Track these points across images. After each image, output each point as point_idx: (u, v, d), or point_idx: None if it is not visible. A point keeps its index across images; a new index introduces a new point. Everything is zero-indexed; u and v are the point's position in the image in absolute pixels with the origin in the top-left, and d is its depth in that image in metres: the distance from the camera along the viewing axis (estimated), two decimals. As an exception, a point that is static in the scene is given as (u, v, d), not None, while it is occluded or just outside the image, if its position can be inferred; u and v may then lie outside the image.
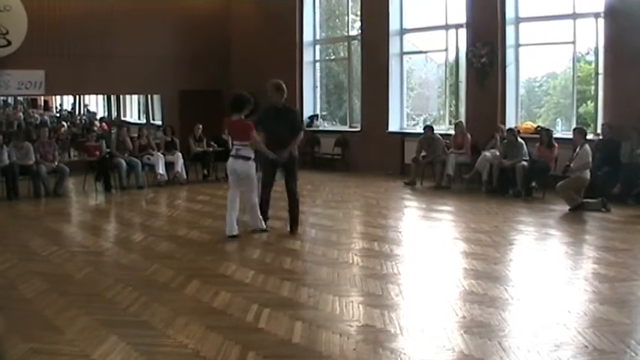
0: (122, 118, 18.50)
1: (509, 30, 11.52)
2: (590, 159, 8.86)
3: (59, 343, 4.05)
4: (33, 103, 18.24)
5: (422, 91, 14.73)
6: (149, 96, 18.00)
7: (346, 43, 15.20)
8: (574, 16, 10.83)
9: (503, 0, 11.41)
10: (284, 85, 7.54)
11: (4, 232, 8.07)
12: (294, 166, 7.61)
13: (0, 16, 13.38)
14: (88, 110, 19.33)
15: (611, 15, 10.09)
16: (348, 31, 15.24)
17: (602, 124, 10.10)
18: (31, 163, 10.82)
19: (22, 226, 8.46)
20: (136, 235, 7.77)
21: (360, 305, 4.78)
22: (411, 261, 6.33)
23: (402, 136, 13.34)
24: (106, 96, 19.01)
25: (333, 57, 16.10)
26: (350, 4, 15.01)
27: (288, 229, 7.62)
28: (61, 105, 19.22)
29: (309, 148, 14.57)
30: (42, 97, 17.91)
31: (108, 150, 12.27)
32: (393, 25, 13.44)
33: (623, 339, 3.97)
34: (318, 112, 15.62)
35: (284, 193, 7.72)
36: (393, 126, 13.61)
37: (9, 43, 13.57)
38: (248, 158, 7.27)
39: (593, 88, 11.09)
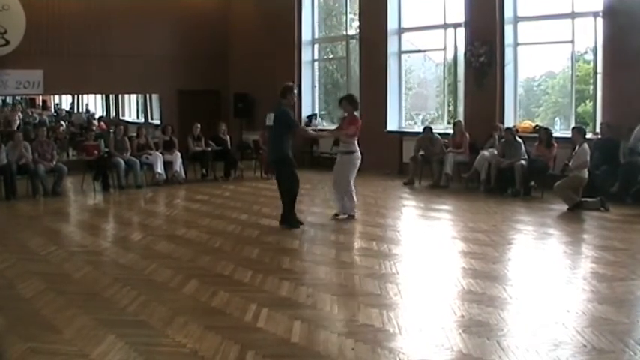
0: (121, 118, 18.48)
1: (508, 29, 11.52)
2: (588, 158, 8.86)
3: (57, 343, 4.05)
4: (31, 102, 18.21)
5: (420, 91, 14.70)
6: (148, 95, 17.99)
7: (344, 43, 15.18)
8: (572, 15, 10.83)
9: (501, -1, 11.43)
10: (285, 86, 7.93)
11: (3, 231, 8.05)
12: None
13: (-2, 15, 13.38)
14: (87, 109, 19.30)
15: (610, 14, 10.09)
16: (346, 31, 15.23)
17: (601, 124, 10.08)
18: (25, 161, 10.79)
19: (20, 225, 8.45)
20: (135, 235, 7.77)
21: (359, 305, 4.77)
22: (410, 260, 6.33)
23: (401, 135, 13.33)
24: (104, 95, 19.00)
25: (331, 56, 16.08)
26: (348, 3, 14.98)
27: None
28: (57, 104, 19.19)
29: (307, 147, 14.56)
30: (40, 97, 17.89)
31: (106, 149, 12.27)
32: (392, 24, 13.43)
33: (621, 338, 3.98)
34: (316, 111, 15.60)
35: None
36: (392, 125, 13.60)
37: (7, 42, 13.54)
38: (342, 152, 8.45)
39: (591, 87, 11.08)
